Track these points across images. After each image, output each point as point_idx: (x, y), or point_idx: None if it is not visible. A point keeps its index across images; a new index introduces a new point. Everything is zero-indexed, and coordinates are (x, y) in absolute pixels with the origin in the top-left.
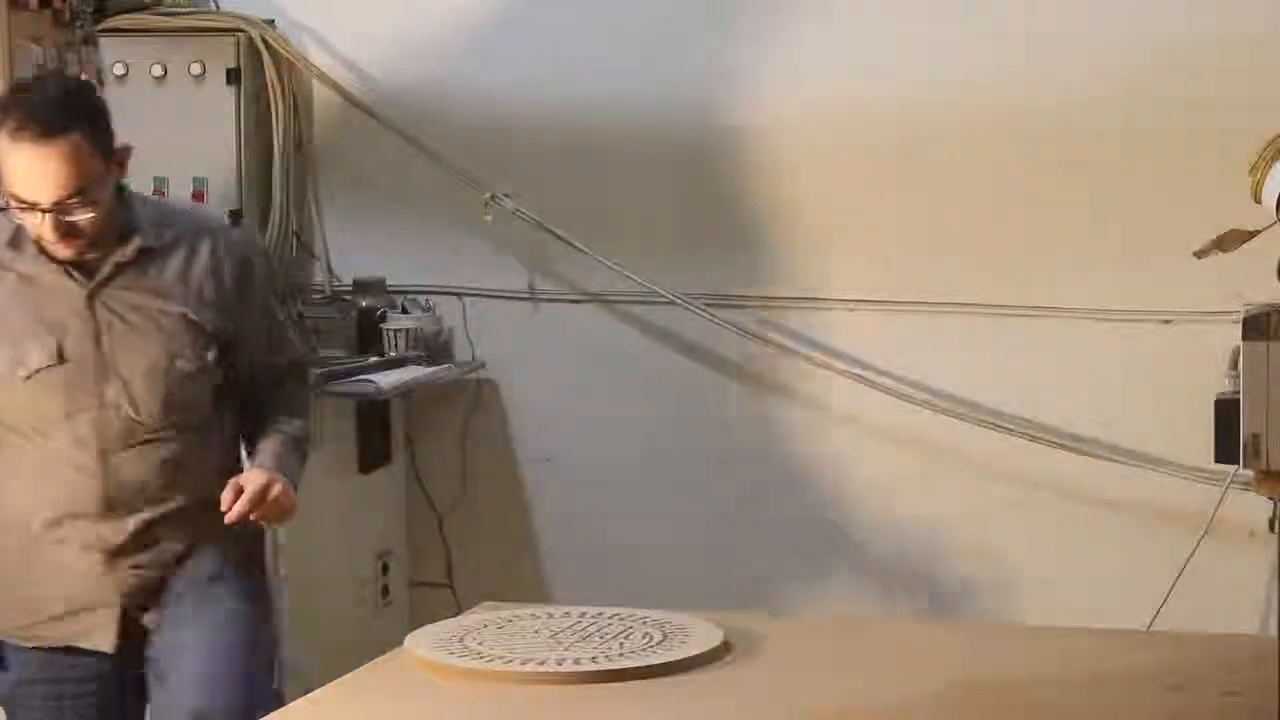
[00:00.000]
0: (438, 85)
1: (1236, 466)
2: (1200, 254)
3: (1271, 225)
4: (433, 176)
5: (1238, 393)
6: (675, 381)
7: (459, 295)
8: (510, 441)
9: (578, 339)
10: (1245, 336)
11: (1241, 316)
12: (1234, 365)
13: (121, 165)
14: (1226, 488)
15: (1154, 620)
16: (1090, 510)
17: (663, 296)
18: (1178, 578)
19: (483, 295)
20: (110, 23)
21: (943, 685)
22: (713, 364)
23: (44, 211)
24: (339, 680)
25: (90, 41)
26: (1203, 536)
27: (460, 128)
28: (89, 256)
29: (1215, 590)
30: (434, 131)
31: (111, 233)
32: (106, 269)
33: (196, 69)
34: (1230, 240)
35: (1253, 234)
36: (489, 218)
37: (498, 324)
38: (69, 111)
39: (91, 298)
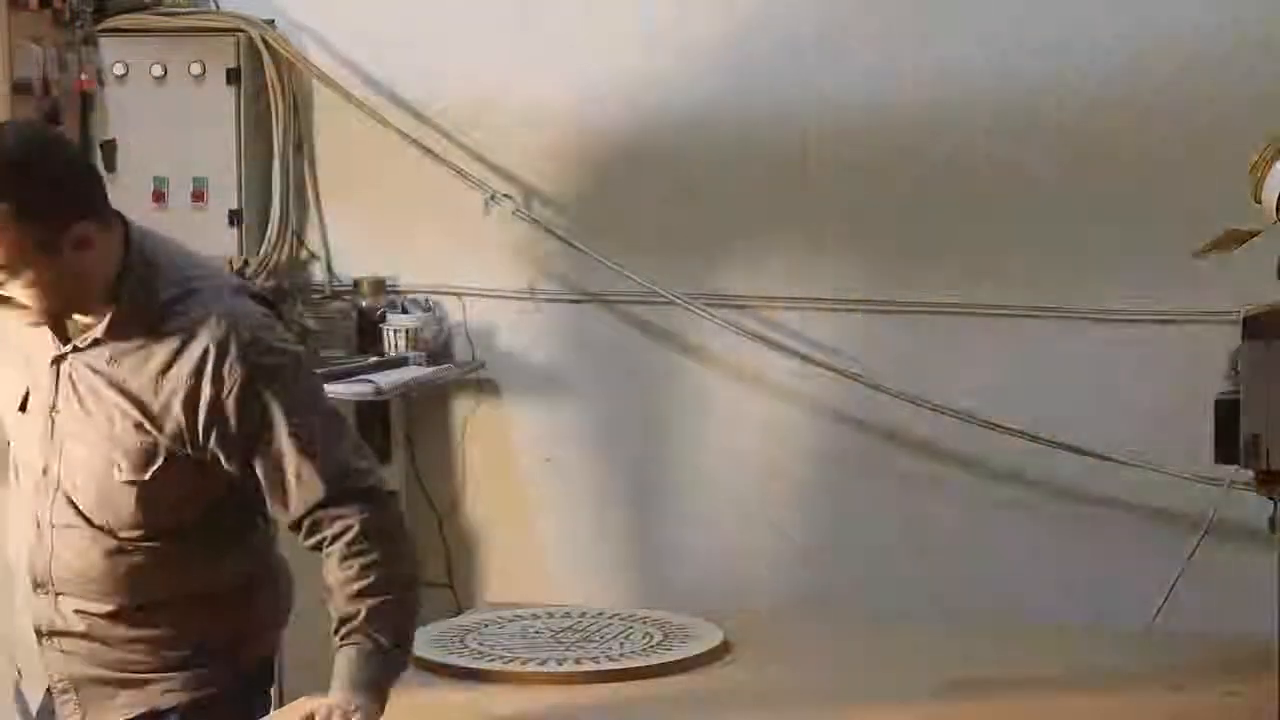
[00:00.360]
0: (438, 85)
1: (1236, 466)
2: (1200, 254)
3: (1272, 225)
4: (433, 176)
5: (1237, 393)
6: (675, 382)
7: (459, 295)
8: (510, 441)
9: (578, 339)
10: (1245, 336)
11: (1241, 316)
12: (1234, 365)
13: (81, 245)
14: (1226, 488)
15: (1154, 620)
16: (1090, 510)
17: (663, 296)
18: (1178, 578)
19: (483, 295)
20: (110, 23)
21: (943, 685)
22: (713, 364)
23: None
24: None
25: (90, 41)
26: (1203, 536)
27: (461, 128)
28: (65, 323)
29: (1215, 590)
30: (434, 131)
31: (92, 301)
32: (68, 347)
33: (196, 69)
34: (1230, 241)
35: (1253, 234)
36: (489, 217)
37: (498, 324)
38: None
39: (57, 363)
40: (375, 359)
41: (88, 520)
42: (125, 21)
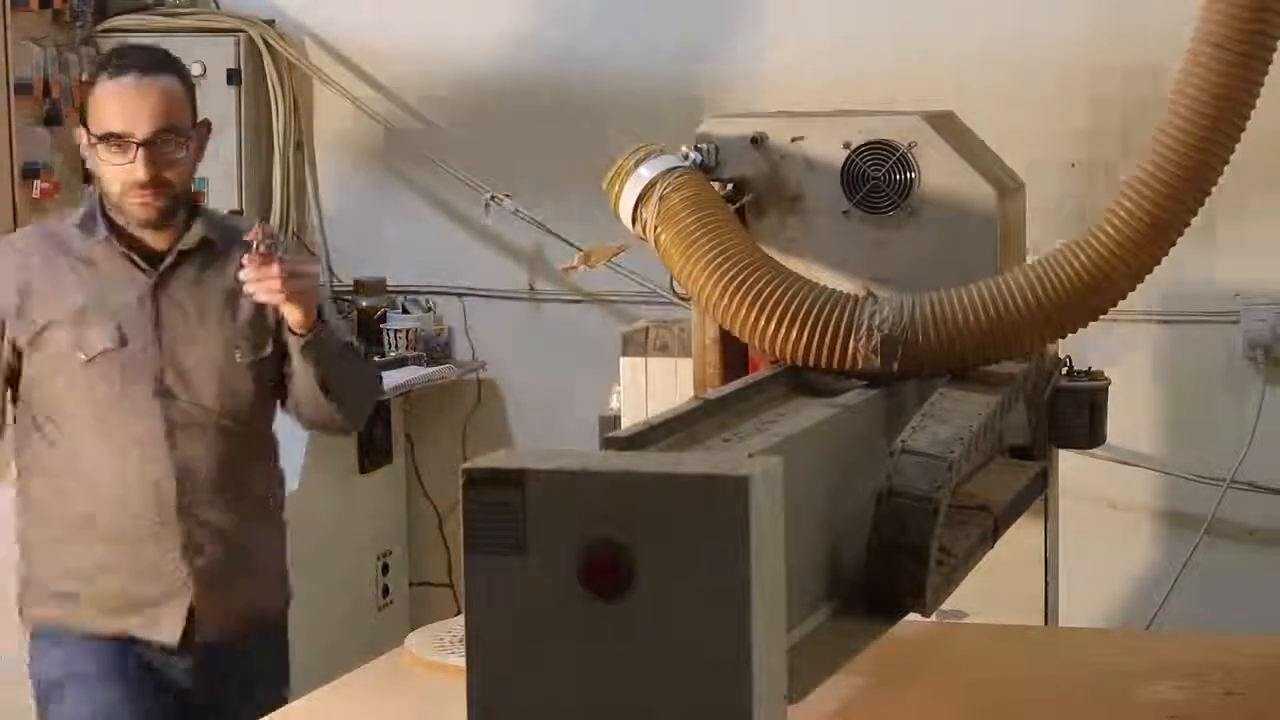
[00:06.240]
0: (437, 85)
1: (1236, 466)
2: (568, 269)
3: (638, 240)
4: (433, 176)
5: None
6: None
7: (459, 295)
8: (510, 441)
9: (578, 339)
10: (625, 353)
11: (621, 334)
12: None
13: (201, 143)
14: (1226, 488)
15: (1154, 620)
16: (1090, 510)
17: (663, 297)
18: (1177, 578)
19: (483, 295)
20: (110, 23)
21: (943, 685)
22: None
23: (139, 145)
24: (339, 680)
25: (90, 42)
26: (1202, 536)
27: (461, 127)
28: (162, 229)
29: (1215, 590)
30: (434, 132)
31: (185, 207)
32: (171, 257)
33: (196, 69)
34: (597, 256)
35: (620, 249)
36: (489, 218)
37: (498, 324)
38: (168, 60)
39: (157, 286)
40: (375, 359)
41: (210, 422)
42: (125, 21)
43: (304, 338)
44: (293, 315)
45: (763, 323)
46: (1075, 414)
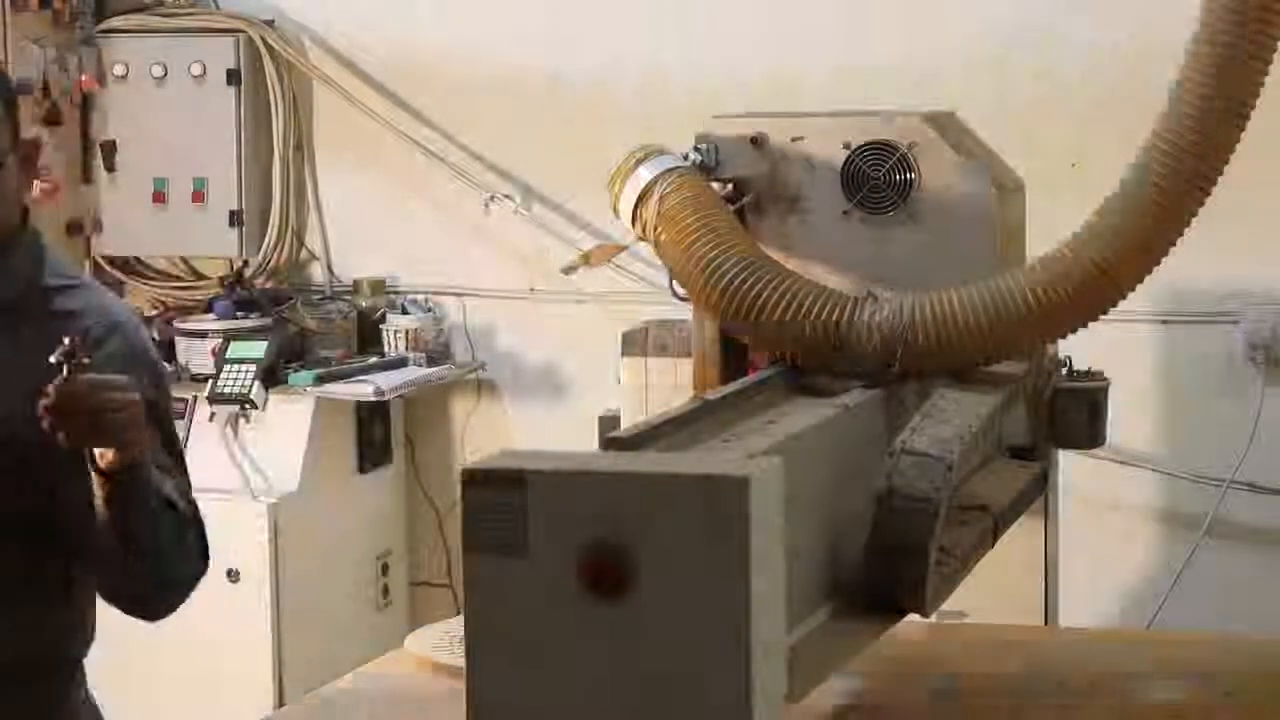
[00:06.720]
0: (438, 85)
1: (1236, 466)
2: (569, 269)
3: (638, 240)
4: (433, 176)
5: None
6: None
7: (459, 295)
8: (510, 441)
9: (578, 339)
10: (625, 353)
11: (620, 334)
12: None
13: (27, 164)
14: (1226, 487)
15: (1154, 620)
16: (1090, 510)
17: (663, 297)
18: (1177, 578)
19: (483, 295)
20: (110, 23)
21: (943, 685)
22: None
23: None
24: (339, 680)
25: (90, 42)
26: (1202, 536)
27: (461, 128)
28: None
29: (1215, 590)
30: (434, 131)
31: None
32: None
33: (196, 69)
34: (598, 255)
35: (621, 249)
36: (489, 217)
37: (498, 324)
38: None
39: None
40: (375, 359)
41: None
42: (125, 21)
43: (111, 479)
44: (103, 455)
45: (762, 322)
46: (1075, 414)
